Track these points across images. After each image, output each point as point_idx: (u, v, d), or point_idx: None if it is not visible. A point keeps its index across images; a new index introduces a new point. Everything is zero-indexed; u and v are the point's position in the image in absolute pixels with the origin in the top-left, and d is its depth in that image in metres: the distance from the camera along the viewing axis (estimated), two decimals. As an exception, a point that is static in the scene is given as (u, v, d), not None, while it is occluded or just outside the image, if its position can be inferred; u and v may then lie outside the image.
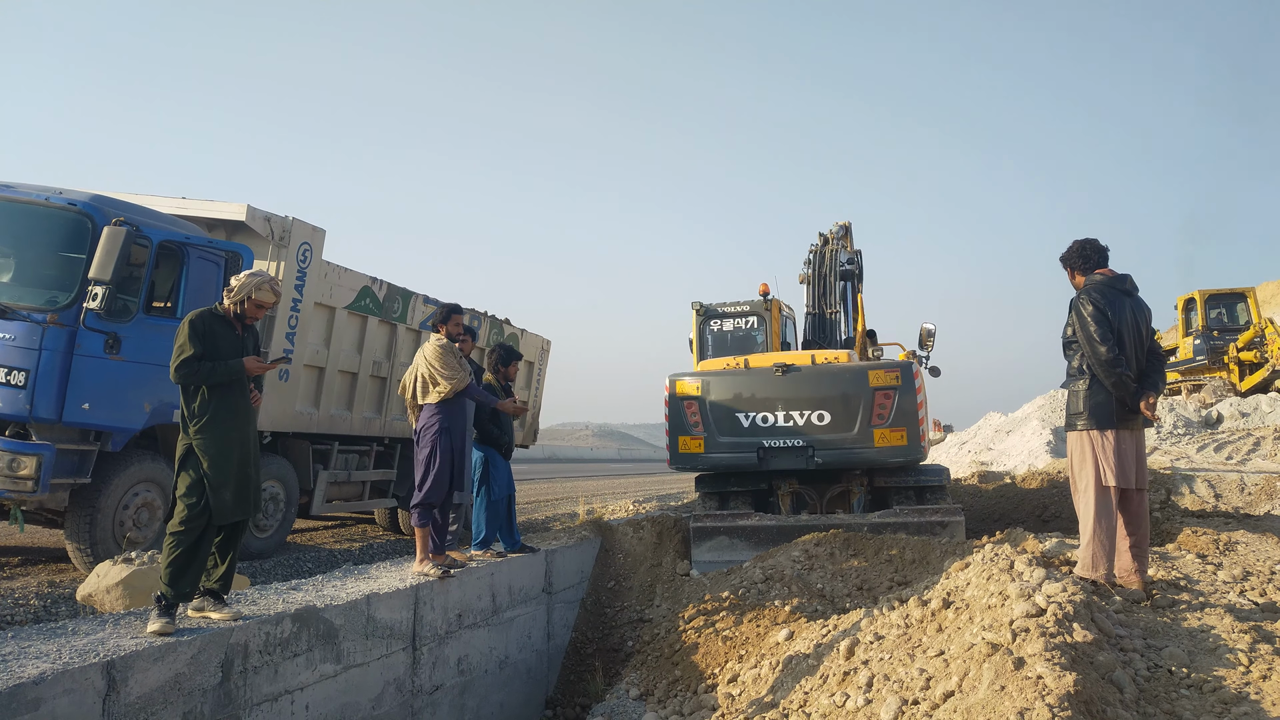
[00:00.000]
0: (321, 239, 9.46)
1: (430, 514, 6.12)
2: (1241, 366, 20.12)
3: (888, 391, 8.08)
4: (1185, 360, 21.51)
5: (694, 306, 10.40)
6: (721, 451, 8.37)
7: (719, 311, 10.30)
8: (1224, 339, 20.81)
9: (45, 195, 7.35)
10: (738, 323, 10.20)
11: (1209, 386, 20.22)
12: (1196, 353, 21.18)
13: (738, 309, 10.23)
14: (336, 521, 13.03)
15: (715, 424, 8.38)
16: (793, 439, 8.19)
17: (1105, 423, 5.13)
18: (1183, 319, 22.48)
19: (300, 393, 9.60)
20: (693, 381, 8.52)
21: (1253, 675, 3.58)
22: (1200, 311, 21.62)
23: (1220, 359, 20.62)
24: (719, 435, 8.35)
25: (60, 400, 6.89)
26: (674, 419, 8.51)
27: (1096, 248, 5.40)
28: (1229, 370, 20.43)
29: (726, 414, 8.37)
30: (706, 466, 8.61)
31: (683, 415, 8.45)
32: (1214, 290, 21.92)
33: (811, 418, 8.17)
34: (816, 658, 4.90)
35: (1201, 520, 7.94)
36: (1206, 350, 20.87)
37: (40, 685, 3.28)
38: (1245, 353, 19.91)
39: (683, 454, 8.45)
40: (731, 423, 8.36)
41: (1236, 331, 20.96)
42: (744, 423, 8.33)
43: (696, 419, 8.40)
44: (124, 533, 7.62)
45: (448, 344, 6.19)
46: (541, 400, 15.18)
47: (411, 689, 5.49)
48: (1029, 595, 4.20)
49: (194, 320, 4.48)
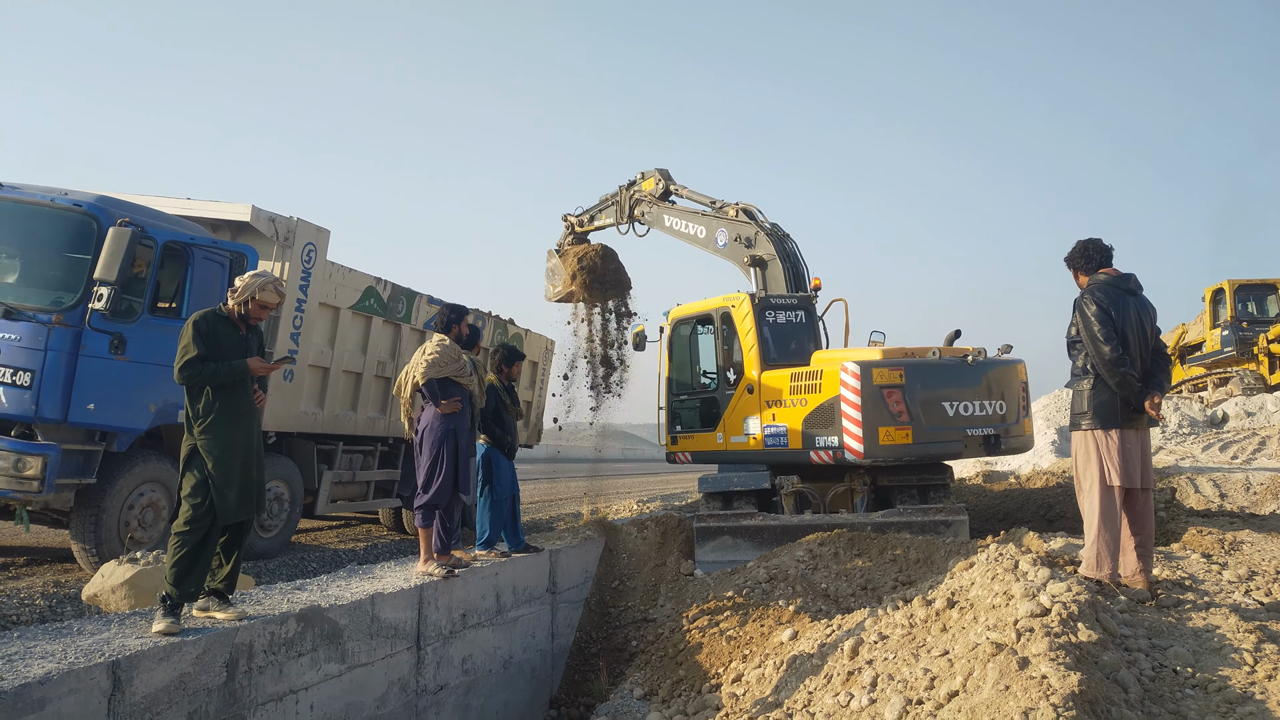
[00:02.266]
0: (326, 239, 9.48)
1: (434, 514, 6.12)
2: (1272, 359, 19.38)
3: (1025, 384, 8.88)
4: (1213, 353, 20.76)
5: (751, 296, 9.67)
6: (930, 441, 8.17)
7: (773, 302, 9.72)
8: (1254, 331, 19.93)
9: (51, 196, 7.38)
10: (789, 315, 9.78)
11: (1236, 379, 19.65)
12: (1225, 344, 20.27)
13: (788, 301, 9.80)
14: (341, 521, 13.05)
15: (923, 414, 8.12)
16: (987, 428, 8.34)
17: (1110, 422, 5.12)
18: (1210, 310, 21.49)
19: (305, 393, 9.62)
20: (892, 370, 8.17)
21: (1258, 675, 3.57)
22: (1229, 303, 20.69)
23: (1250, 351, 19.83)
24: (926, 425, 8.12)
25: (65, 401, 6.92)
26: (871, 408, 8.05)
27: (1100, 248, 5.40)
28: (1258, 362, 19.76)
29: (934, 403, 8.19)
30: (914, 457, 8.31)
31: (883, 405, 8.05)
32: (1244, 280, 20.90)
33: (996, 407, 8.48)
34: (821, 657, 4.90)
35: (1207, 520, 7.91)
36: (1235, 342, 20.08)
37: (46, 685, 3.28)
38: (1276, 346, 19.24)
39: (885, 445, 8.04)
40: (939, 413, 8.18)
41: (1267, 323, 20.02)
42: (949, 412, 8.22)
43: (900, 408, 8.06)
44: (129, 533, 7.64)
45: (451, 344, 6.20)
46: (546, 400, 15.19)
47: (416, 689, 5.49)
48: (1034, 595, 4.19)
49: (198, 321, 4.49)
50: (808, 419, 8.47)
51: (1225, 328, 20.59)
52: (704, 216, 11.03)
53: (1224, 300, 21.02)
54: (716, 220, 10.82)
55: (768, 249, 10.14)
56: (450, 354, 6.14)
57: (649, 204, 11.77)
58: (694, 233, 11.06)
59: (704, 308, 10.08)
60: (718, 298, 9.94)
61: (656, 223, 11.68)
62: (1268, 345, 19.31)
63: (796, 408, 8.64)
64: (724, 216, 10.78)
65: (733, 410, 9.35)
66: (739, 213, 10.66)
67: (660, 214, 11.63)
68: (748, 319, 9.39)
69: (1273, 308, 20.86)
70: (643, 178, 12.11)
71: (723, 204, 11.00)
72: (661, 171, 11.99)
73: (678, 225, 11.36)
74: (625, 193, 12.13)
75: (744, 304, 9.45)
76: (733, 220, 10.60)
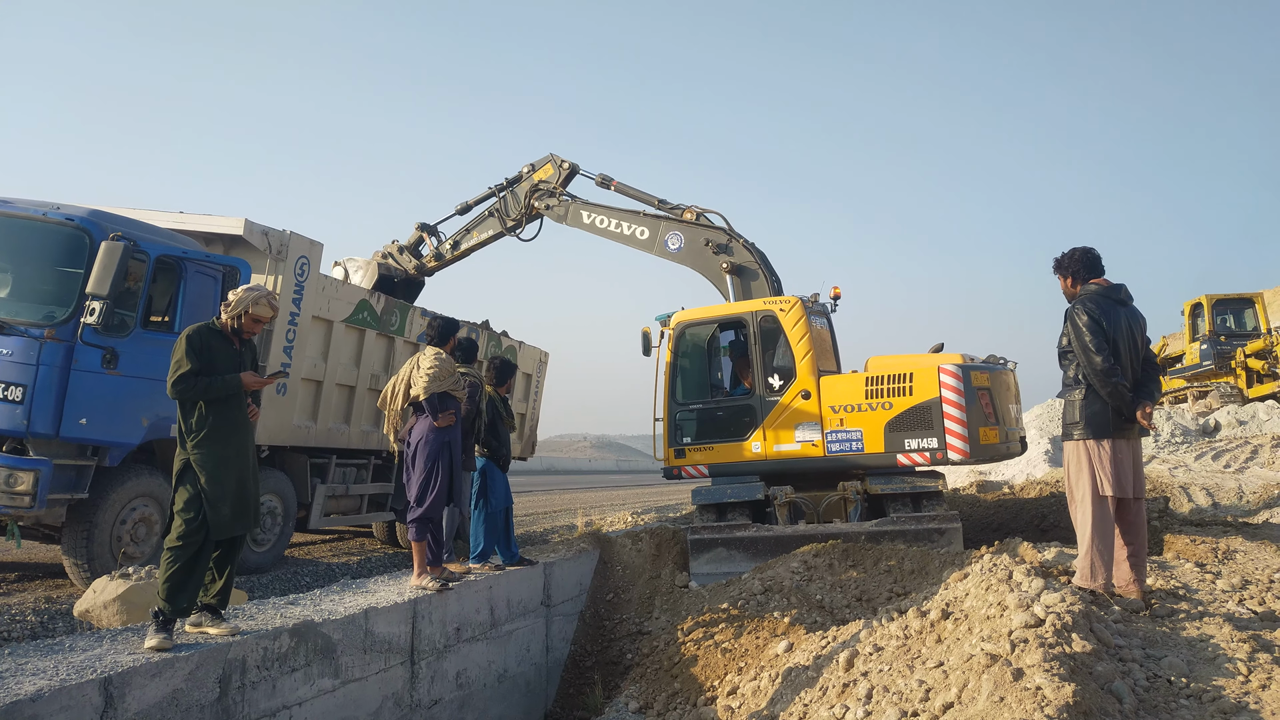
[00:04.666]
0: (319, 252, 9.47)
1: (428, 527, 6.11)
2: (1249, 372, 19.84)
3: None
4: (1192, 366, 21.24)
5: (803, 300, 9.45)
6: (1004, 441, 8.74)
7: (809, 307, 9.54)
8: (1231, 344, 20.51)
9: (43, 210, 7.36)
10: (821, 322, 9.79)
11: (1215, 392, 20.00)
12: (1203, 358, 20.81)
13: (820, 308, 9.79)
14: (334, 535, 13.00)
15: (1000, 416, 8.73)
16: (1023, 430, 9.20)
17: (1101, 432, 5.14)
18: (1189, 324, 22.09)
19: (298, 406, 9.60)
20: (983, 373, 8.65)
21: (1252, 684, 3.57)
22: (1207, 316, 21.31)
23: (1227, 364, 20.29)
24: (1005, 426, 8.78)
25: (58, 415, 6.88)
26: (974, 410, 8.39)
27: (1091, 257, 5.42)
28: (1236, 375, 20.16)
29: (1003, 406, 8.85)
30: (999, 457, 8.97)
31: (979, 407, 8.44)
32: (1221, 295, 21.57)
33: (1019, 410, 9.32)
34: (816, 669, 4.89)
35: (1200, 529, 7.93)
36: (1213, 355, 20.57)
37: (37, 702, 3.27)
38: (1254, 360, 19.63)
39: (984, 445, 8.41)
40: (1006, 415, 8.89)
41: (1244, 337, 20.57)
42: (1012, 414, 9.06)
43: (990, 410, 8.57)
44: (121, 548, 7.60)
45: (446, 357, 6.21)
46: (540, 412, 15.18)
47: (410, 703, 5.47)
48: (1028, 606, 4.20)
49: (190, 335, 4.49)
50: (893, 422, 8.55)
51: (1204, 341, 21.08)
52: (647, 217, 10.50)
53: (1202, 314, 21.51)
54: (667, 223, 10.35)
55: (747, 257, 9.96)
56: (447, 367, 6.15)
57: (559, 199, 11.08)
58: (633, 233, 10.51)
59: (730, 311, 9.70)
60: (751, 301, 9.66)
61: (573, 220, 11.02)
62: (1245, 359, 19.74)
63: (878, 411, 8.64)
64: (675, 218, 10.37)
65: (778, 417, 9.08)
66: (699, 216, 10.28)
67: (578, 210, 10.93)
68: (800, 324, 9.19)
69: (1250, 321, 21.31)
70: (531, 169, 11.43)
71: (674, 205, 10.51)
72: (554, 158, 11.25)
73: (607, 224, 10.75)
74: (517, 190, 11.43)
75: (796, 308, 9.25)
76: (693, 225, 10.22)
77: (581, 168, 11.41)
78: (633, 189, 11.02)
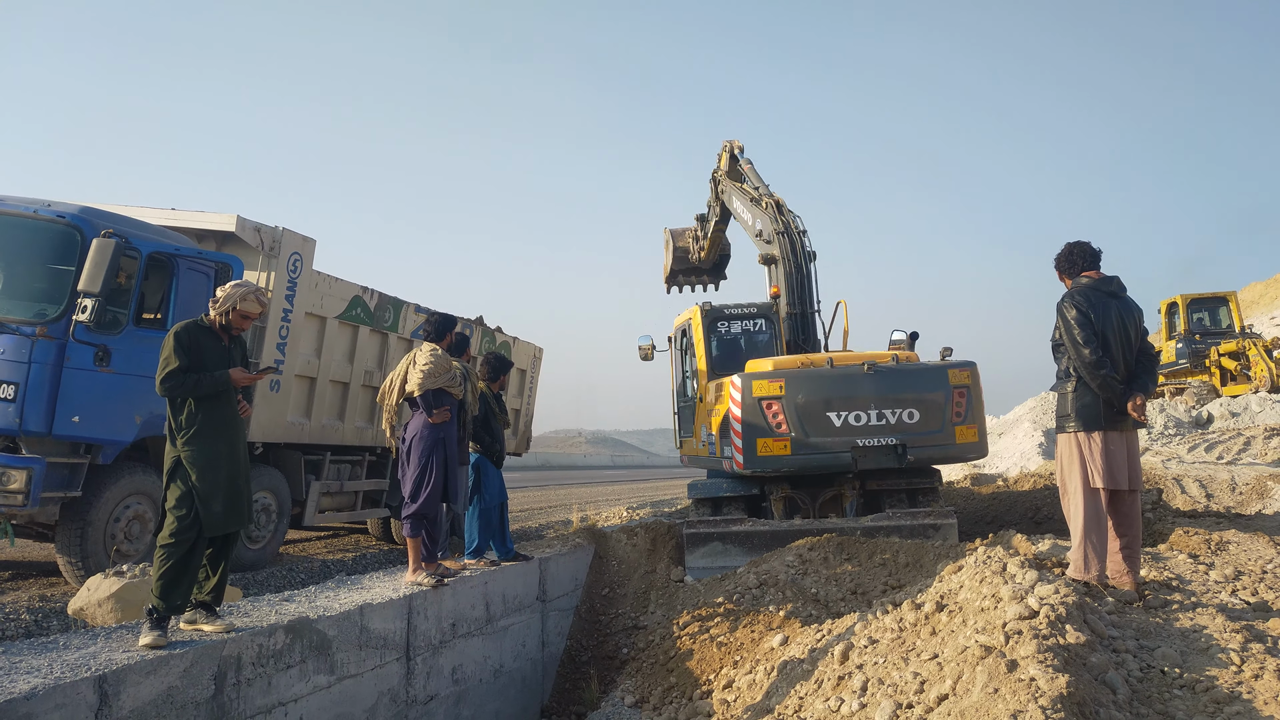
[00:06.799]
0: (312, 249, 9.44)
1: (423, 524, 6.11)
2: (1223, 371, 20.47)
3: (963, 390, 8.29)
4: (1168, 364, 21.88)
5: (701, 307, 9.88)
6: (812, 452, 8.14)
7: (726, 313, 9.85)
8: (1206, 343, 21.13)
9: (34, 208, 7.33)
10: (745, 325, 9.87)
11: (1191, 389, 20.52)
12: (1179, 356, 21.56)
13: (745, 310, 9.85)
14: (329, 532, 12.98)
15: (803, 424, 8.13)
16: (886, 437, 8.10)
17: (1093, 424, 5.15)
18: (1166, 323, 22.82)
19: (292, 403, 9.57)
20: (773, 382, 8.23)
21: (1245, 675, 3.59)
22: (1183, 315, 22.05)
23: (1202, 362, 20.96)
24: (809, 436, 8.12)
25: (50, 413, 6.86)
26: (750, 421, 8.18)
27: (1085, 251, 5.43)
28: (1210, 374, 20.76)
29: (817, 414, 8.15)
30: (794, 468, 8.28)
31: (762, 417, 8.15)
32: (1196, 295, 22.34)
33: (903, 416, 8.16)
34: (811, 663, 4.90)
35: (1193, 520, 7.96)
36: (1189, 354, 21.23)
37: (32, 701, 3.26)
38: (1227, 360, 20.26)
39: (763, 457, 8.13)
40: (823, 423, 8.16)
41: (1219, 335, 21.30)
42: (836, 422, 8.13)
43: (780, 420, 8.11)
44: (115, 546, 7.58)
45: (443, 354, 6.20)
46: (534, 408, 15.15)
47: (406, 699, 5.47)
48: (1022, 597, 4.21)
49: (179, 332, 4.47)
50: (719, 429, 8.75)
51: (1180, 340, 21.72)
52: (753, 205, 10.62)
53: (1178, 313, 22.18)
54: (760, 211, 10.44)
55: (778, 249, 10.03)
56: (443, 364, 6.14)
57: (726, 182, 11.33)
58: (748, 220, 10.65)
59: (679, 319, 10.47)
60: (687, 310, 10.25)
61: (729, 204, 11.27)
62: (1219, 358, 20.37)
63: (714, 418, 8.97)
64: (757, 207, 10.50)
65: (694, 419, 9.94)
66: (770, 205, 10.30)
67: (731, 194, 11.14)
68: (698, 330, 9.78)
69: (1224, 320, 21.95)
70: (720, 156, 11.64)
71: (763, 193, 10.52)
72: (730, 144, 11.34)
73: (741, 211, 10.91)
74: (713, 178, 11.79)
75: (696, 316, 9.85)
76: (762, 212, 10.33)
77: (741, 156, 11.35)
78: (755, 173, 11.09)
